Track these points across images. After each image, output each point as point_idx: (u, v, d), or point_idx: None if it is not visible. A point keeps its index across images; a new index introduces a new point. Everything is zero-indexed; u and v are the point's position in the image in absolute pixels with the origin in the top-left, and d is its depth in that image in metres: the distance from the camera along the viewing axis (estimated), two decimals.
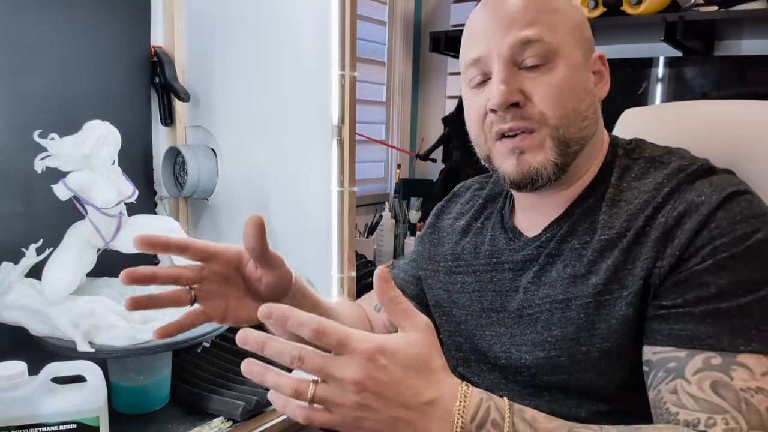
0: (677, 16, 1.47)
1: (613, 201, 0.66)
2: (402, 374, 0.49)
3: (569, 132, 0.66)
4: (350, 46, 1.08)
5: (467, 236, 0.81)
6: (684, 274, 0.59)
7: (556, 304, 0.66)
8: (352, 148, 1.11)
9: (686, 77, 1.67)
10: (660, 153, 0.68)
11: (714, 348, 0.56)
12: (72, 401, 0.74)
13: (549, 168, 0.66)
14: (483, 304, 0.75)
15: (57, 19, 1.09)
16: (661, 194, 0.63)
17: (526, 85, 0.65)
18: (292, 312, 0.48)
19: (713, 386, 0.54)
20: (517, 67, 0.65)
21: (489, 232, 0.78)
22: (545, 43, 0.64)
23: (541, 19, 0.65)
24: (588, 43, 0.69)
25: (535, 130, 0.65)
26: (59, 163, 0.91)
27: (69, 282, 0.91)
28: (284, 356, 0.48)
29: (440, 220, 0.88)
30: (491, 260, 0.75)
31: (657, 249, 0.60)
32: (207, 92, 1.31)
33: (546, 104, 0.65)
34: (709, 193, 0.60)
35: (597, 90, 0.69)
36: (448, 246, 0.83)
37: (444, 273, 0.82)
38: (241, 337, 0.48)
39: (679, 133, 0.81)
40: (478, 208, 0.83)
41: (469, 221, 0.82)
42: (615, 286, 0.62)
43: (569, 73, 0.65)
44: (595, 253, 0.65)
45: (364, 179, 2.15)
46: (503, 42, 0.65)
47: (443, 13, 2.22)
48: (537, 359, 0.67)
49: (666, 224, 0.61)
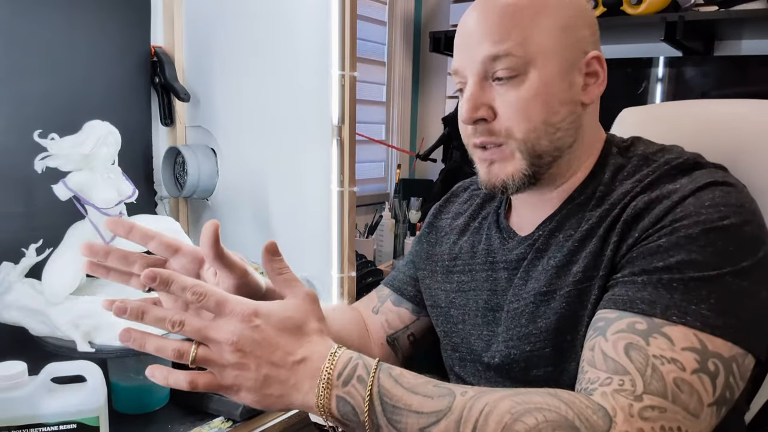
0: (677, 16, 1.47)
1: (600, 198, 0.67)
2: (274, 334, 0.51)
3: (539, 145, 0.66)
4: (350, 46, 1.08)
5: (465, 236, 0.81)
6: (639, 249, 0.59)
7: (540, 296, 0.67)
8: (352, 148, 1.11)
9: (686, 77, 1.67)
10: (653, 150, 0.68)
11: (644, 313, 0.55)
12: (72, 401, 0.74)
13: (518, 178, 0.67)
14: (479, 304, 0.75)
15: (57, 20, 1.09)
16: (641, 185, 0.63)
17: (495, 100, 0.66)
18: (175, 276, 0.50)
19: (626, 348, 0.54)
20: (490, 79, 0.66)
21: (485, 231, 0.79)
22: (515, 57, 0.64)
23: (513, 32, 0.64)
24: (578, 45, 0.67)
25: (503, 144, 0.67)
26: (59, 163, 0.91)
27: (69, 282, 0.91)
28: (164, 322, 0.50)
29: (438, 219, 0.88)
30: (487, 260, 0.76)
31: (625, 231, 0.61)
32: (207, 92, 1.31)
33: (511, 120, 0.66)
34: (685, 183, 0.61)
35: (586, 94, 0.68)
36: (446, 246, 0.83)
37: (442, 273, 0.82)
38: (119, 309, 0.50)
39: (676, 132, 0.81)
40: (476, 207, 0.83)
41: (466, 221, 0.83)
42: (593, 272, 0.63)
43: (541, 85, 0.65)
44: (576, 243, 0.65)
45: (364, 179, 2.15)
46: (475, 57, 0.66)
47: (443, 13, 2.22)
48: (524, 353, 0.67)
49: (636, 207, 0.61)
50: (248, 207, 1.26)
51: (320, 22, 1.08)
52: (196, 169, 1.26)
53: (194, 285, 0.50)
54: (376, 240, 1.95)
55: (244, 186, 1.27)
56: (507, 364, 0.70)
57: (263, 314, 0.51)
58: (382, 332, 0.87)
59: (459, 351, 0.77)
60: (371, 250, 1.89)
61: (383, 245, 1.96)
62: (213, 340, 0.50)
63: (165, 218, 1.06)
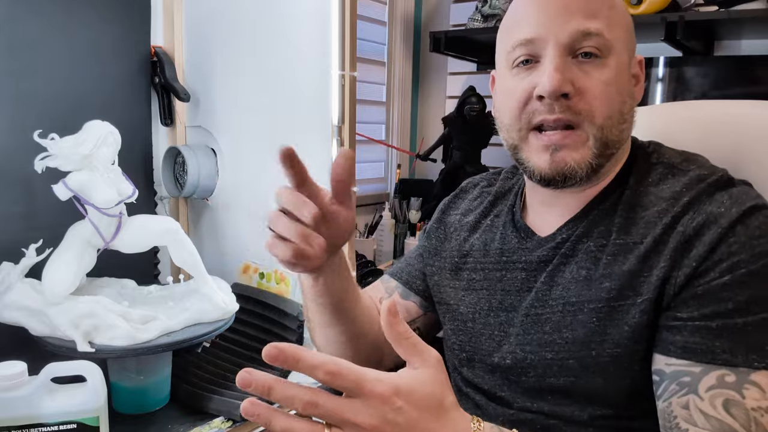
0: (677, 16, 1.47)
1: (629, 205, 0.66)
2: (417, 415, 0.47)
3: (611, 133, 0.64)
4: (350, 46, 1.08)
5: (476, 233, 0.79)
6: (702, 287, 0.58)
7: (568, 307, 0.65)
8: (352, 148, 1.11)
9: (686, 77, 1.67)
10: (678, 160, 0.68)
11: (728, 364, 0.56)
12: (72, 401, 0.74)
13: (584, 168, 0.64)
14: (492, 303, 0.74)
15: (57, 20, 1.09)
16: (680, 203, 0.62)
17: (578, 78, 0.63)
18: (303, 353, 0.45)
19: (725, 405, 0.55)
20: (571, 56, 0.64)
21: (499, 230, 0.77)
22: (604, 39, 0.63)
23: (603, 12, 0.64)
24: (633, 45, 0.68)
25: (579, 127, 0.64)
26: (59, 163, 0.91)
27: (69, 282, 0.91)
28: (295, 401, 0.44)
29: (447, 215, 0.86)
30: (501, 259, 0.74)
31: (674, 258, 0.60)
32: (207, 92, 1.31)
33: (596, 100, 0.63)
34: (728, 206, 0.60)
35: (635, 93, 0.69)
36: (456, 242, 0.81)
37: (450, 270, 0.80)
38: (244, 379, 0.44)
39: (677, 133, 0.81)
40: (487, 205, 0.81)
41: (477, 218, 0.81)
42: (629, 292, 0.62)
43: (618, 72, 0.64)
44: (609, 257, 0.64)
45: (364, 179, 2.15)
46: (564, 28, 0.63)
47: (443, 13, 2.22)
48: (544, 360, 0.66)
49: (684, 234, 0.60)
50: (248, 207, 1.26)
51: (320, 22, 1.08)
52: (196, 169, 1.26)
53: (323, 363, 0.44)
54: (376, 240, 1.95)
55: (244, 186, 1.27)
56: (520, 367, 0.69)
57: (404, 393, 0.46)
58: None
59: (466, 350, 0.76)
60: (371, 250, 1.89)
61: (383, 245, 1.96)
62: (351, 424, 0.45)
63: (165, 218, 1.06)
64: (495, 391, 0.72)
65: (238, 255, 1.29)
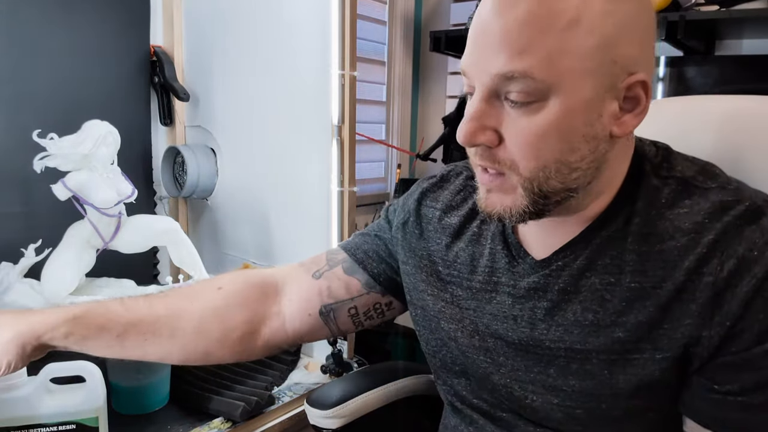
0: (678, 15, 1.47)
1: (641, 236, 0.56)
2: None
3: (548, 184, 0.54)
4: (350, 45, 1.08)
5: (460, 240, 0.69)
6: (740, 356, 0.52)
7: (573, 353, 0.58)
8: (352, 147, 1.11)
9: (687, 76, 1.67)
10: (692, 173, 0.58)
11: None
12: (71, 401, 0.74)
13: (517, 213, 0.56)
14: (478, 326, 0.66)
15: (57, 19, 1.09)
16: (704, 242, 0.53)
17: (504, 123, 0.54)
18: None
19: None
20: (502, 97, 0.53)
21: (488, 243, 0.67)
22: (534, 81, 0.50)
23: (538, 45, 0.50)
24: (620, 65, 0.52)
25: (505, 174, 0.55)
26: (58, 163, 0.91)
27: (68, 282, 0.91)
28: None
29: (423, 206, 0.74)
30: (491, 279, 0.65)
31: (703, 315, 0.52)
32: (207, 92, 1.30)
33: (519, 153, 0.53)
34: (761, 246, 0.52)
35: (619, 125, 0.54)
36: (436, 246, 0.71)
37: (428, 274, 0.71)
38: None
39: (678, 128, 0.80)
40: (472, 206, 0.70)
41: (462, 221, 0.70)
42: (647, 345, 0.55)
43: (561, 116, 0.52)
44: (623, 303, 0.56)
45: (364, 179, 2.15)
46: (486, 69, 0.52)
47: (443, 13, 2.21)
48: (549, 404, 0.61)
49: (715, 286, 0.52)
50: (248, 207, 1.26)
51: (320, 22, 1.08)
52: (196, 169, 1.25)
53: None
54: None
55: (244, 186, 1.27)
56: (520, 406, 0.64)
57: None
58: (317, 300, 0.75)
59: (458, 364, 0.69)
60: None
61: None
62: None
63: (164, 218, 1.06)
64: (494, 412, 0.67)
65: (238, 255, 1.29)
